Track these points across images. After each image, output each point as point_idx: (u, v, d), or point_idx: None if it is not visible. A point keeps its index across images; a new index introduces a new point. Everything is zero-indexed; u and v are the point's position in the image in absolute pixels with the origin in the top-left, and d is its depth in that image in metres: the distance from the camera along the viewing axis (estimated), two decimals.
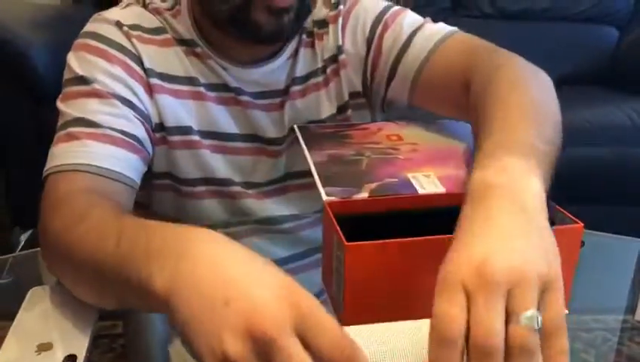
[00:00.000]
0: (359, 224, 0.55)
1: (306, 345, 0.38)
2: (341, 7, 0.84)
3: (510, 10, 2.31)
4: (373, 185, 0.60)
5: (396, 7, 0.85)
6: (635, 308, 0.65)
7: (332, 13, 0.83)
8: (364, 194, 0.58)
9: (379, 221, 0.58)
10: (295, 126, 0.77)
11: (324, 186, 0.59)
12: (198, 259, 0.42)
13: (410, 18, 0.84)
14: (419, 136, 0.72)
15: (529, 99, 0.61)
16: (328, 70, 0.83)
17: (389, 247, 0.51)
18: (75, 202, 0.62)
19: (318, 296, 0.91)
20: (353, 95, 0.85)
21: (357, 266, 0.50)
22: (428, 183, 0.61)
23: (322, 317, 0.39)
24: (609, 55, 2.27)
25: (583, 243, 0.57)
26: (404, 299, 0.52)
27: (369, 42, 0.83)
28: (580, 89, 2.13)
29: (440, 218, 0.59)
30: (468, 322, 0.41)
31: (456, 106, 0.76)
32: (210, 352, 0.38)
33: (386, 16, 0.83)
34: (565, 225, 0.55)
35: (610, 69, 2.25)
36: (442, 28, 0.82)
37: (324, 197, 0.57)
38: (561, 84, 2.22)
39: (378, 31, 0.83)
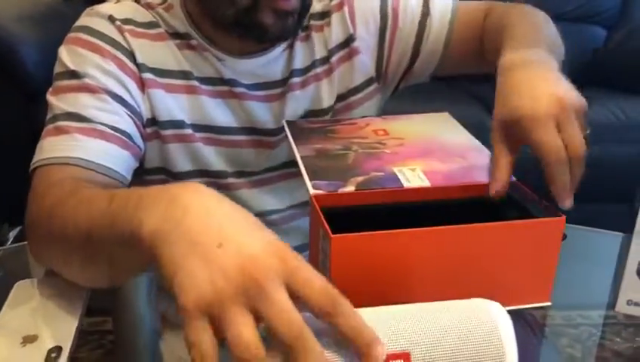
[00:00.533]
0: (346, 218, 0.56)
1: (294, 297, 0.39)
2: None
3: None
4: (360, 179, 0.60)
5: None
6: (615, 300, 0.66)
7: (334, 2, 0.84)
8: (350, 188, 0.59)
9: (366, 214, 0.59)
10: (284, 121, 0.77)
11: (311, 180, 0.60)
12: (188, 208, 0.42)
13: None
14: (405, 131, 0.72)
15: (538, 21, 0.80)
16: (334, 58, 0.84)
17: (374, 239, 0.52)
18: (65, 184, 0.62)
19: None
20: (366, 81, 0.86)
21: (342, 257, 0.51)
22: (413, 177, 0.61)
23: (309, 270, 0.40)
24: (596, 54, 2.28)
25: (565, 236, 0.58)
26: (389, 290, 0.53)
27: (382, 25, 0.85)
28: None
29: (425, 211, 0.59)
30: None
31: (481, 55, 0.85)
32: (195, 293, 0.38)
33: None
34: (548, 218, 0.57)
35: (597, 67, 2.26)
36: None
37: (311, 191, 0.58)
38: None
39: (389, 10, 0.85)
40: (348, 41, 0.84)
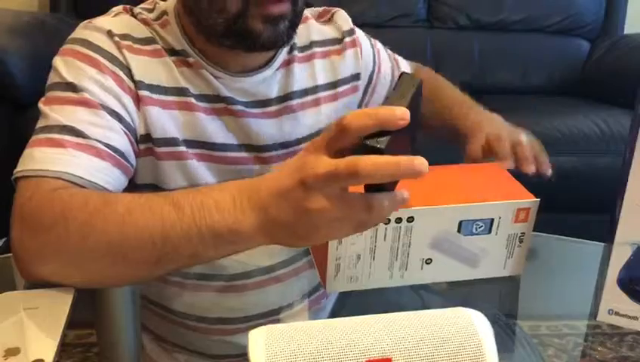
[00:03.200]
0: None
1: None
2: (355, 35, 0.89)
3: (485, 22, 2.34)
4: None
5: (372, 39, 0.96)
6: (597, 310, 0.67)
7: (349, 38, 0.88)
8: None
9: None
10: None
11: None
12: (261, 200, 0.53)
13: (383, 51, 0.97)
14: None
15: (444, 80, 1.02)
16: (341, 89, 0.88)
17: None
18: (80, 195, 0.62)
19: (307, 295, 0.93)
20: None
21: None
22: None
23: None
24: (580, 66, 2.31)
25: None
26: None
27: (372, 69, 0.92)
28: (552, 99, 2.16)
29: None
30: None
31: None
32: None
33: (376, 46, 0.94)
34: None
35: (580, 79, 2.29)
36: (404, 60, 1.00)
37: None
38: (534, 94, 2.26)
39: (376, 58, 0.93)
40: (355, 77, 0.89)
